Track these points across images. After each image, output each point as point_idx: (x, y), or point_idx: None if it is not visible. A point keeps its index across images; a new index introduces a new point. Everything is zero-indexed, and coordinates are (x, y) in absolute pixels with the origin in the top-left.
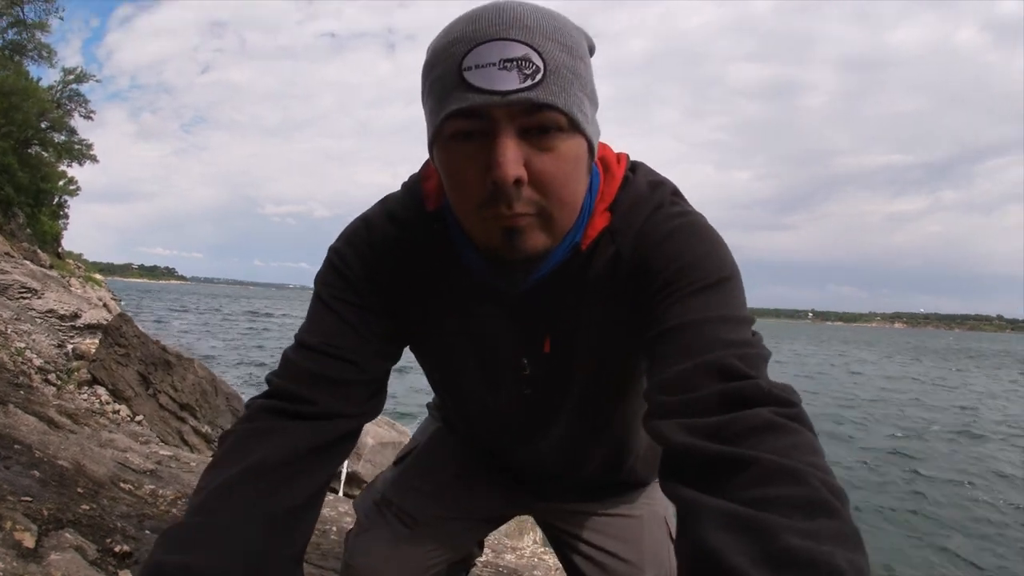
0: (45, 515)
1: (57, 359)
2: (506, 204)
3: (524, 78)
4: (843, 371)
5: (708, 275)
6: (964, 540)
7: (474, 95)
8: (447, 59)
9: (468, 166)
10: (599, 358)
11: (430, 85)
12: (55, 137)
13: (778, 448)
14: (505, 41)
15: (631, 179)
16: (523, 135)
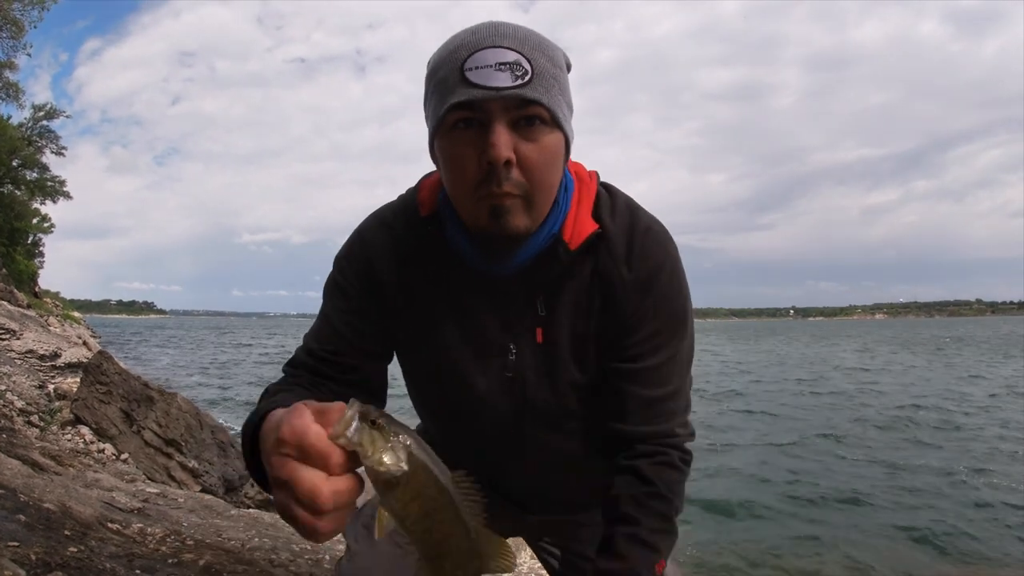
0: (33, 559)
1: (39, 400)
2: (496, 183)
3: (516, 78)
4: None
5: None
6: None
7: (474, 90)
8: (450, 62)
9: (467, 150)
10: (583, 358)
11: (434, 86)
12: (27, 175)
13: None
14: (500, 48)
15: (610, 196)
16: (513, 127)
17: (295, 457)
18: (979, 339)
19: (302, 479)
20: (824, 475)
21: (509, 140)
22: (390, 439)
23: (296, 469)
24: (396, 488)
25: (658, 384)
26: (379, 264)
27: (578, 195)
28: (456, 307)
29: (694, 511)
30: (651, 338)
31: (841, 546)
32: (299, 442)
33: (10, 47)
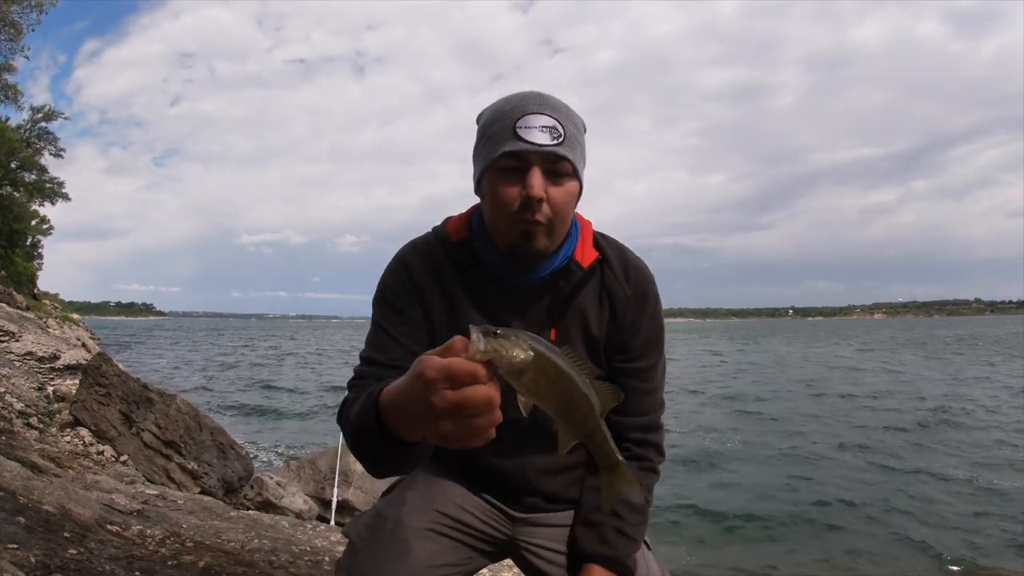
0: (32, 562)
1: (38, 402)
2: (531, 212)
3: (553, 139)
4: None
5: (661, 343)
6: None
7: (522, 144)
8: (504, 119)
9: (511, 187)
10: (593, 356)
11: (489, 136)
12: (26, 176)
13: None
14: (544, 115)
15: (603, 236)
16: (546, 174)
17: (449, 387)
18: (989, 338)
19: (469, 395)
20: (854, 487)
21: (542, 183)
22: (512, 339)
23: (459, 393)
24: (526, 372)
25: (648, 381)
26: (419, 278)
27: (582, 232)
28: (485, 311)
29: (697, 518)
30: (645, 344)
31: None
32: (447, 374)
33: (8, 50)
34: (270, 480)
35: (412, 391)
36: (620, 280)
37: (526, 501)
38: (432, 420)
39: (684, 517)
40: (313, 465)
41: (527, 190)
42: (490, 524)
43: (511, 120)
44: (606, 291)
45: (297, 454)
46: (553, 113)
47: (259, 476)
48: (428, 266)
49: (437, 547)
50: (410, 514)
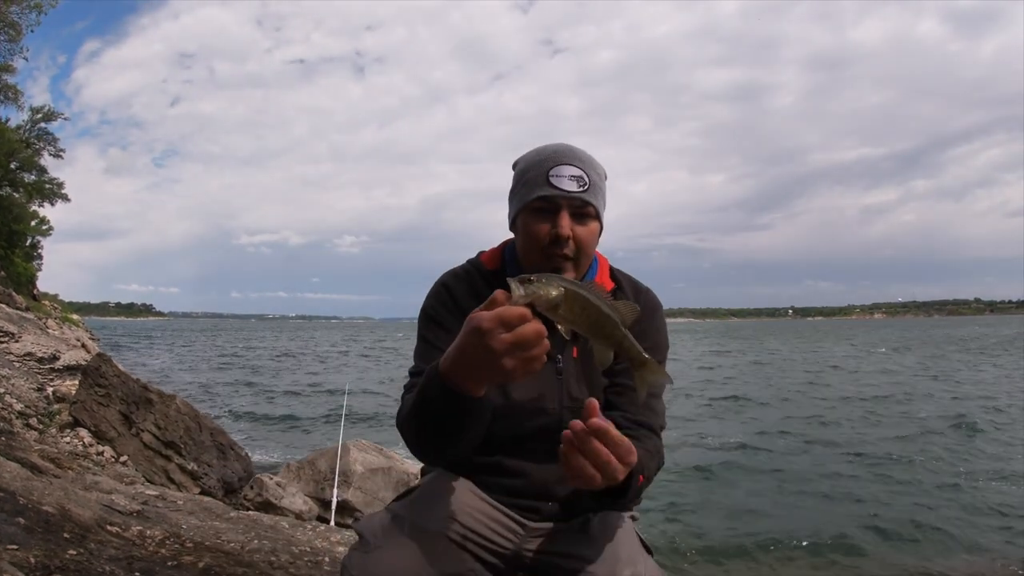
0: (32, 562)
1: (37, 403)
2: (559, 248)
3: (580, 187)
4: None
5: (663, 351)
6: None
7: (553, 190)
8: (538, 167)
9: (543, 226)
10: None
11: (524, 181)
12: (25, 177)
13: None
14: (572, 166)
15: (617, 269)
16: (572, 216)
17: (504, 331)
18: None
19: (523, 332)
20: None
21: (569, 224)
22: (544, 282)
23: (514, 332)
24: (561, 305)
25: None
26: (461, 301)
27: (600, 266)
28: None
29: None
30: (648, 349)
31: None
32: (501, 320)
33: (8, 50)
34: (270, 480)
35: (471, 343)
36: (631, 300)
37: (544, 509)
38: (495, 361)
39: (683, 523)
40: (313, 465)
41: (557, 229)
42: (499, 534)
43: (544, 169)
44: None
45: (297, 454)
46: (581, 165)
47: (259, 476)
48: (469, 291)
49: (450, 554)
50: (427, 518)
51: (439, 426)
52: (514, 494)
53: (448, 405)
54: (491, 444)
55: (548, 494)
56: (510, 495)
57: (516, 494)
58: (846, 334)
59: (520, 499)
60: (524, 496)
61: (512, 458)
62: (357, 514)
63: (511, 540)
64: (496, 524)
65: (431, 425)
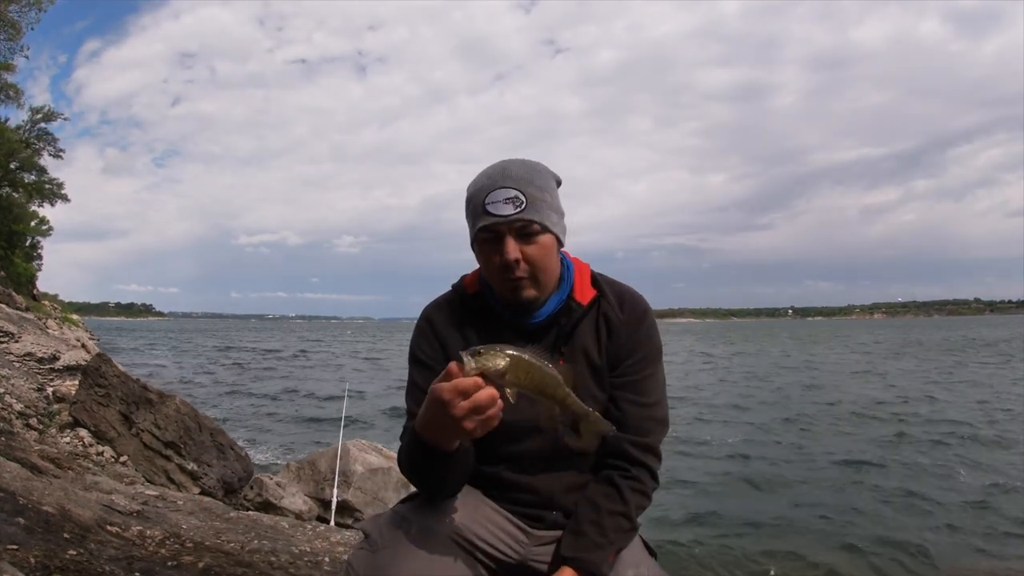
0: (32, 563)
1: (37, 403)
2: (511, 273)
3: (516, 208)
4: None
5: (656, 358)
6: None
7: (490, 218)
8: (476, 198)
9: (492, 255)
10: (588, 375)
11: (469, 213)
12: (25, 177)
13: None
14: (506, 188)
15: (600, 274)
16: (518, 237)
17: (462, 399)
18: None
19: (479, 398)
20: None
21: (515, 246)
22: (491, 353)
23: (470, 400)
24: (508, 372)
25: (645, 395)
26: (442, 334)
27: (579, 272)
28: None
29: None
30: (641, 360)
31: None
32: (457, 391)
33: (8, 49)
34: (270, 481)
35: (436, 412)
36: (615, 309)
37: (548, 518)
38: (457, 425)
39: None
40: (313, 466)
41: (501, 256)
42: (505, 542)
43: (481, 199)
44: (603, 319)
45: (297, 455)
46: (514, 184)
47: (259, 477)
48: (450, 320)
49: (456, 557)
50: (434, 520)
51: (425, 475)
52: (519, 504)
53: (427, 459)
54: (494, 459)
55: (552, 503)
56: (515, 505)
57: (521, 504)
58: (854, 336)
59: (526, 508)
60: (529, 506)
61: (515, 472)
62: (357, 514)
63: (517, 548)
64: (502, 531)
65: (419, 473)
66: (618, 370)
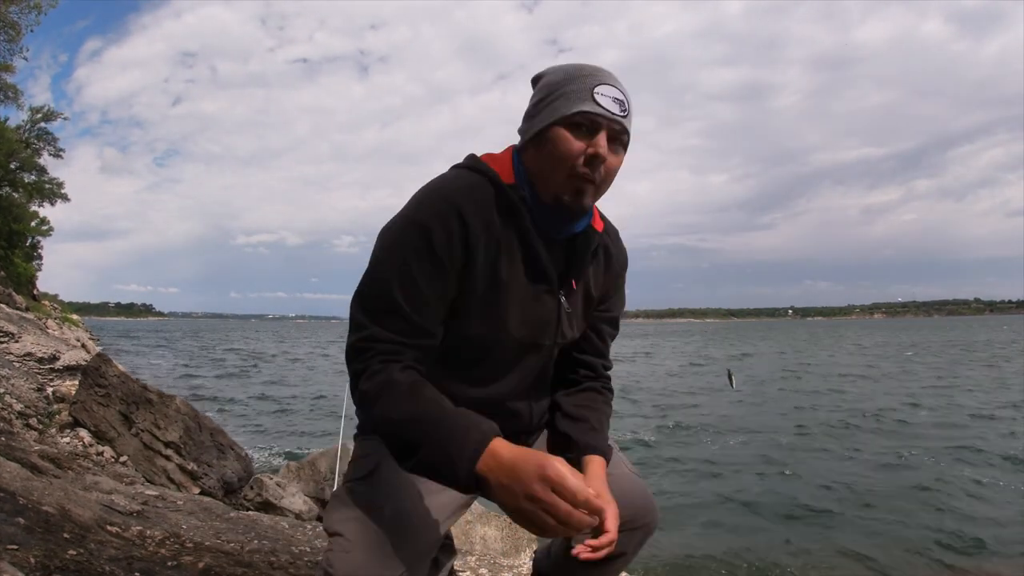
0: (32, 563)
1: (37, 403)
2: (593, 169)
3: (622, 111)
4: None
5: (622, 308)
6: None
7: (599, 108)
8: (581, 82)
9: (578, 142)
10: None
11: (562, 93)
12: (25, 177)
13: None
14: (617, 88)
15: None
16: (609, 140)
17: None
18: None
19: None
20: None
21: (607, 145)
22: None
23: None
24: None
25: (616, 328)
26: (473, 229)
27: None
28: (531, 257)
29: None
30: (621, 298)
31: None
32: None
33: (7, 50)
34: (270, 480)
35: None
36: (616, 246)
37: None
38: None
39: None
40: (313, 465)
41: (594, 148)
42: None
43: (589, 84)
44: (604, 251)
45: (297, 454)
46: (623, 89)
47: (259, 476)
48: (481, 214)
49: (436, 533)
50: (403, 499)
51: (409, 451)
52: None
53: (441, 478)
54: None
55: (531, 427)
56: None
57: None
58: (865, 338)
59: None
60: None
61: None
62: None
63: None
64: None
65: (402, 446)
66: (605, 304)
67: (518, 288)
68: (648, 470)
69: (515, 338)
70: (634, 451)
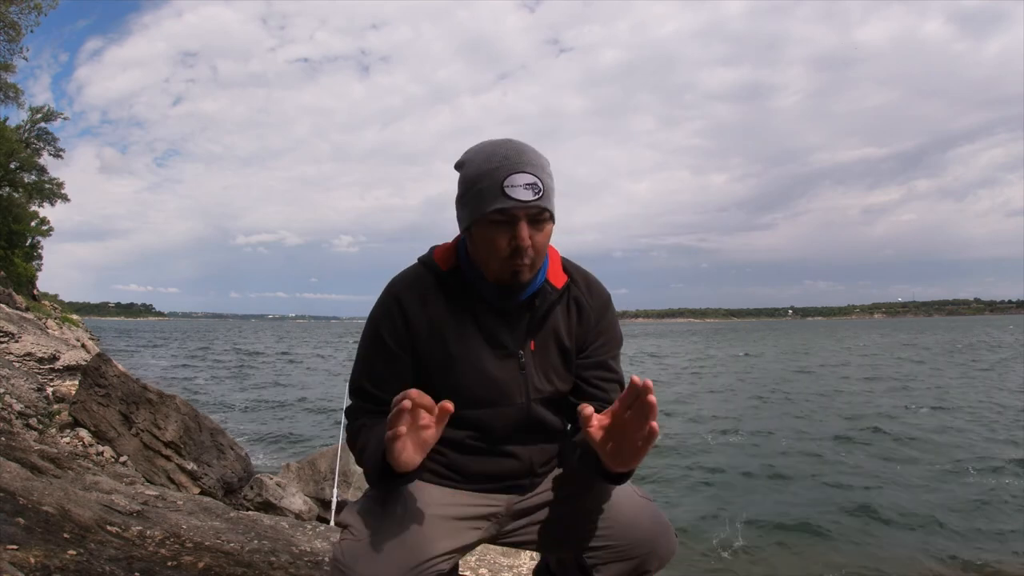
0: (32, 563)
1: (37, 403)
2: (520, 258)
3: (535, 195)
4: None
5: (620, 342)
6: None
7: (511, 202)
8: (492, 177)
9: (502, 237)
10: (557, 356)
11: (477, 191)
12: (25, 177)
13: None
14: (527, 173)
15: (566, 260)
16: (530, 224)
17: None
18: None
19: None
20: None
21: (528, 232)
22: None
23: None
24: None
25: (612, 371)
26: (413, 316)
27: (552, 258)
28: (481, 328)
29: None
30: (609, 342)
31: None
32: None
33: (7, 50)
34: (270, 480)
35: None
36: (585, 294)
37: (529, 484)
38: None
39: None
40: (313, 465)
41: (517, 241)
42: (482, 516)
43: (498, 179)
44: (574, 303)
45: (297, 454)
46: (533, 170)
47: (259, 476)
48: (422, 301)
49: (441, 534)
50: (415, 503)
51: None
52: (503, 471)
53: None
54: (478, 431)
55: (532, 471)
56: (498, 473)
57: (504, 471)
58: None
59: (510, 479)
60: (515, 475)
61: (500, 444)
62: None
63: (494, 524)
64: (479, 505)
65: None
66: (587, 351)
67: (473, 357)
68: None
69: (480, 398)
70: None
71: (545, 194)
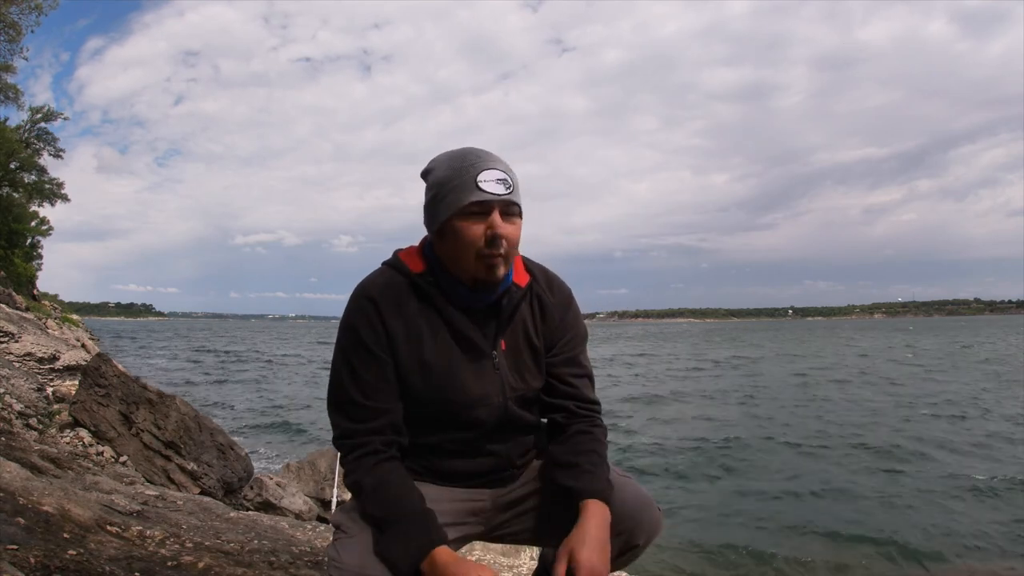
0: (32, 563)
1: (37, 403)
2: (496, 248)
3: (506, 189)
4: None
5: (585, 337)
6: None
7: (483, 194)
8: (464, 174)
9: (477, 229)
10: (527, 354)
11: (451, 189)
12: (25, 177)
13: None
14: (497, 170)
15: (527, 259)
16: (502, 216)
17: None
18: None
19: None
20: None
21: (501, 223)
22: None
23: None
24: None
25: (580, 367)
26: (388, 318)
27: (515, 259)
28: (454, 330)
29: None
30: (574, 339)
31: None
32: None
33: (7, 50)
34: (270, 480)
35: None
36: (546, 291)
37: (510, 476)
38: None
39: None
40: (313, 465)
41: (492, 229)
42: (470, 510)
43: (473, 175)
44: (537, 300)
45: (297, 454)
46: (503, 168)
47: (259, 476)
48: (395, 303)
49: (444, 510)
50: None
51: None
52: (483, 468)
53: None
54: (457, 433)
55: (511, 464)
56: (482, 474)
57: (486, 468)
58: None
59: (492, 475)
60: (496, 471)
61: (479, 443)
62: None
63: (481, 518)
64: (466, 501)
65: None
66: (555, 349)
67: (447, 359)
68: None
69: (458, 400)
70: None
71: (515, 189)
